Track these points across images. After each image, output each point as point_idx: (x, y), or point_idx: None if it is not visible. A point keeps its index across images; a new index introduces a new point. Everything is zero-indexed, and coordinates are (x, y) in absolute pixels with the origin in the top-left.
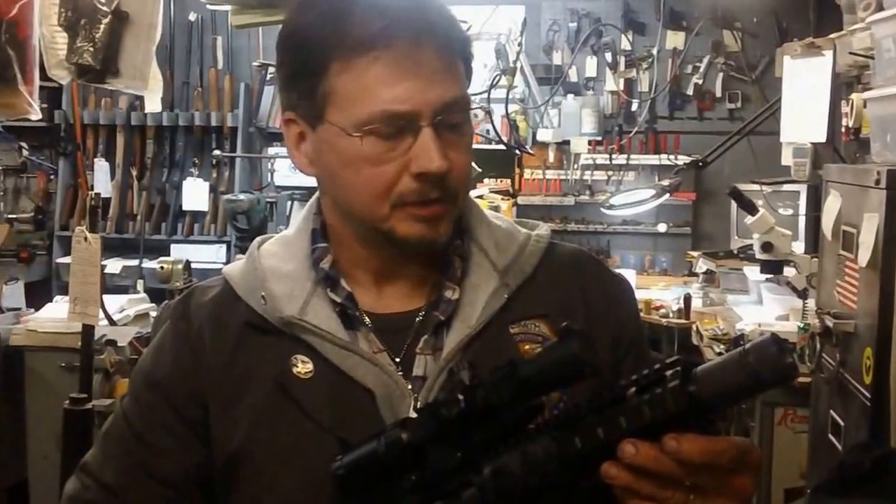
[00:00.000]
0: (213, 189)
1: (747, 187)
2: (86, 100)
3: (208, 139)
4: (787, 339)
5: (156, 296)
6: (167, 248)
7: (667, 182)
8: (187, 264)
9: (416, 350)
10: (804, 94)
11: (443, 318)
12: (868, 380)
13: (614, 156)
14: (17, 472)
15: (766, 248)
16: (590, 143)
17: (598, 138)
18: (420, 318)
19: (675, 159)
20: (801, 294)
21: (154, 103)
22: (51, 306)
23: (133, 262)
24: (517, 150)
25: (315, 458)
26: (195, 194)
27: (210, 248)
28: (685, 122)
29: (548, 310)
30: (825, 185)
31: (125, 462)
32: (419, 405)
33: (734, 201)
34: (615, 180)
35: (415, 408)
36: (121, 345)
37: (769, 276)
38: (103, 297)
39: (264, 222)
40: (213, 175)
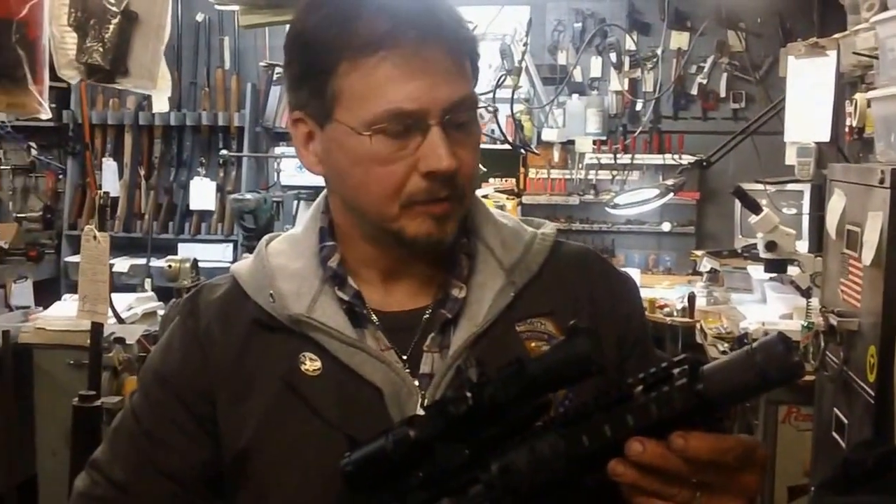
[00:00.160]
0: (220, 188)
1: (751, 187)
2: (94, 100)
3: (215, 139)
4: (790, 337)
5: (163, 294)
6: (174, 247)
7: (671, 181)
8: (195, 263)
9: (424, 348)
10: (808, 94)
11: (450, 316)
12: (872, 378)
13: (619, 155)
14: (26, 469)
15: (770, 247)
16: (594, 142)
17: (603, 138)
18: (427, 316)
19: (680, 159)
20: (805, 293)
21: (162, 103)
22: (59, 304)
23: (141, 261)
24: (522, 150)
25: (323, 455)
26: (202, 194)
27: (217, 247)
28: (689, 121)
29: (554, 308)
30: (829, 184)
31: (134, 458)
32: (426, 402)
33: (738, 200)
34: (619, 180)
35: (422, 405)
36: (129, 342)
37: (773, 275)
38: (111, 296)
39: (271, 221)
40: (220, 174)
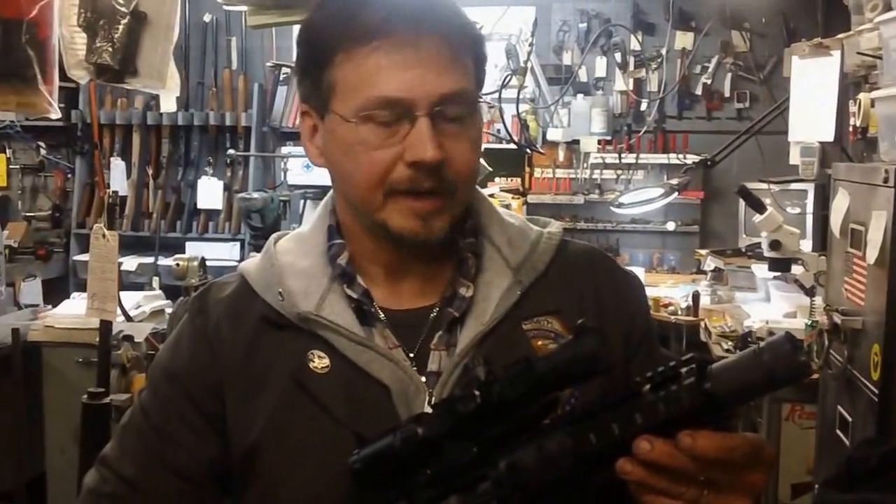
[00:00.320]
0: (228, 188)
1: (755, 186)
2: (102, 100)
3: (222, 138)
4: (797, 337)
5: (171, 292)
6: (182, 246)
7: (675, 181)
8: (202, 262)
9: (431, 346)
10: (812, 94)
11: (457, 314)
12: (876, 376)
13: (623, 155)
14: (35, 467)
15: (774, 246)
16: (599, 142)
17: (608, 138)
18: (434, 315)
19: (684, 158)
20: (809, 292)
21: (170, 103)
22: (68, 303)
23: (149, 260)
24: (527, 150)
25: (331, 452)
26: (210, 193)
27: (224, 245)
28: (694, 121)
29: (560, 306)
30: (833, 183)
31: (143, 455)
32: (434, 400)
33: (742, 200)
34: (624, 179)
35: (429, 403)
36: (137, 340)
37: (777, 274)
38: (120, 294)
39: (278, 220)
40: (228, 174)
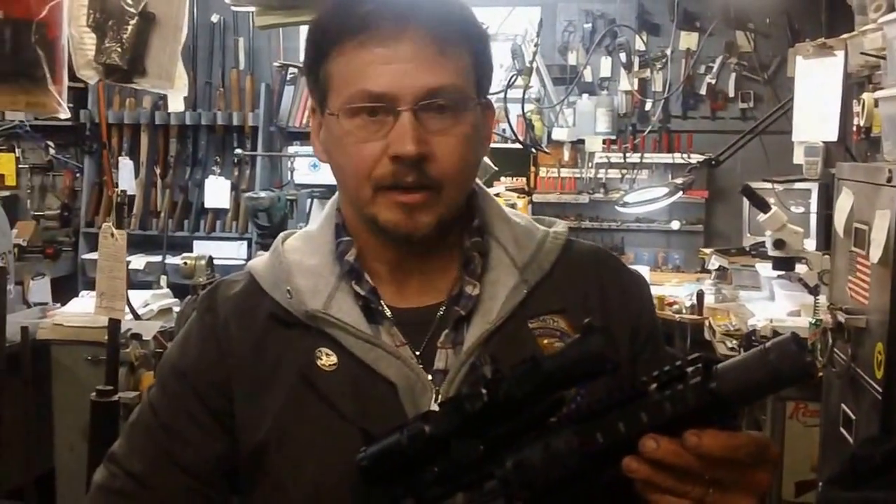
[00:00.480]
0: (235, 187)
1: (759, 185)
2: (110, 100)
3: (230, 138)
4: (802, 337)
5: (179, 291)
6: (190, 245)
7: (680, 180)
8: (210, 260)
9: (437, 344)
10: (816, 94)
11: (463, 313)
12: (879, 374)
13: (628, 154)
14: (44, 464)
15: (778, 245)
16: (604, 141)
17: (613, 137)
18: (441, 313)
19: (689, 158)
20: (813, 290)
21: (178, 103)
22: (77, 301)
23: (156, 259)
24: (533, 149)
25: (339, 449)
26: (217, 192)
27: (232, 244)
28: (698, 121)
29: (566, 305)
30: (837, 182)
31: (152, 451)
32: (441, 398)
33: (747, 199)
34: (629, 178)
35: (436, 401)
36: (145, 338)
37: (781, 273)
38: (128, 292)
39: (284, 219)
40: (235, 173)
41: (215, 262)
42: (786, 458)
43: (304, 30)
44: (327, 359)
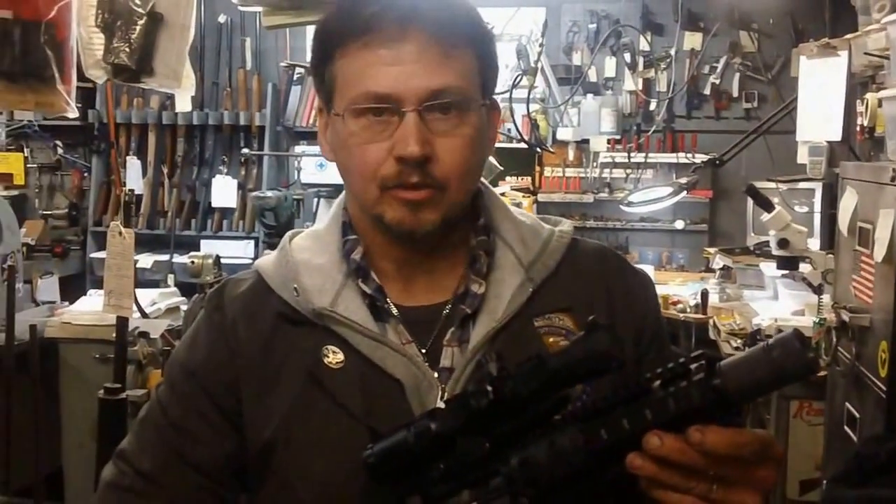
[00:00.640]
0: (242, 186)
1: (763, 185)
2: (118, 99)
3: (237, 138)
4: (805, 334)
5: (186, 290)
6: (197, 244)
7: (684, 180)
8: (217, 259)
9: (444, 342)
10: (820, 94)
11: (469, 311)
12: (883, 373)
13: (633, 154)
14: (52, 462)
15: (782, 244)
16: (609, 141)
17: (617, 137)
18: (447, 312)
19: (693, 158)
20: (817, 290)
21: (185, 102)
22: (85, 299)
23: (164, 258)
24: (538, 149)
25: (346, 447)
26: (224, 191)
27: (238, 243)
28: (702, 121)
29: (571, 303)
30: (841, 181)
31: (161, 449)
32: (446, 396)
33: (751, 198)
34: (633, 178)
35: (442, 398)
36: (153, 337)
37: (785, 272)
38: (136, 291)
39: (291, 219)
40: (242, 173)
41: (222, 261)
42: (790, 456)
43: (310, 30)
44: (334, 356)
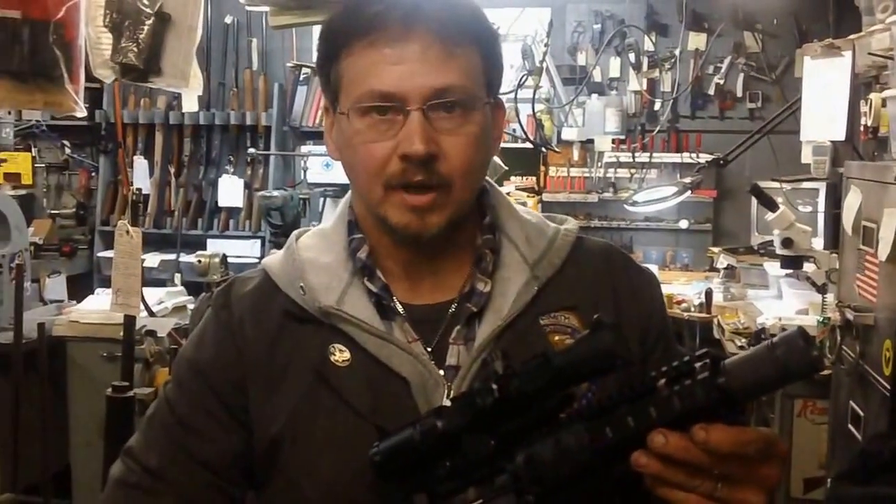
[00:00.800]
0: (248, 186)
1: (767, 185)
2: (126, 100)
3: (243, 138)
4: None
5: (193, 289)
6: (203, 243)
7: (688, 180)
8: (224, 258)
9: (449, 340)
10: (823, 94)
11: (475, 309)
12: (888, 371)
13: (637, 154)
14: (60, 460)
15: (786, 243)
16: (613, 141)
17: (622, 137)
18: (453, 310)
19: (697, 157)
20: (821, 289)
21: (192, 102)
22: (92, 298)
23: (171, 257)
24: (543, 149)
25: (352, 444)
26: (230, 191)
27: (245, 242)
28: (707, 121)
29: (577, 302)
30: (845, 181)
31: (169, 446)
32: (452, 394)
33: (755, 198)
34: (638, 178)
35: (448, 396)
36: (160, 335)
37: (789, 272)
38: (143, 290)
39: (297, 218)
40: (248, 172)
41: (229, 260)
42: (794, 455)
43: (317, 30)
44: (340, 355)
